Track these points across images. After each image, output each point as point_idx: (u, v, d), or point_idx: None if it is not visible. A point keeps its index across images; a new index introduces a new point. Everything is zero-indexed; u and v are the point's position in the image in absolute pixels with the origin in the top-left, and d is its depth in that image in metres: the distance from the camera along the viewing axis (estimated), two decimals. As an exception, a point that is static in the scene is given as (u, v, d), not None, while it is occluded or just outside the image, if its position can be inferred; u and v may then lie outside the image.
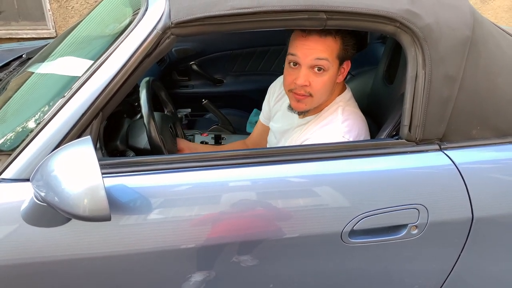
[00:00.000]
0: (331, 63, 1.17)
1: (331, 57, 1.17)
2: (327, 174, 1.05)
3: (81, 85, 0.96)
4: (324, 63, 1.16)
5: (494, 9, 4.54)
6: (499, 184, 1.13)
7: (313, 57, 1.16)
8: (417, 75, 1.04)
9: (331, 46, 1.16)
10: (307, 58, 1.16)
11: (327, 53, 1.16)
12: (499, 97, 1.12)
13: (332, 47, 1.16)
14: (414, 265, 1.16)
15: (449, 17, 1.05)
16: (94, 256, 0.96)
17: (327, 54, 1.16)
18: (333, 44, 1.16)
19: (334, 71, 1.20)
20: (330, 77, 1.20)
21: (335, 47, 1.17)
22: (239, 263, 1.04)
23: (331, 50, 1.16)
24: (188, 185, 1.00)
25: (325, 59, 1.16)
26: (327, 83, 1.20)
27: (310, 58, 1.16)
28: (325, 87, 1.21)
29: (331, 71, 1.19)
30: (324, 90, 1.22)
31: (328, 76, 1.19)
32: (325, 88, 1.21)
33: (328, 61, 1.17)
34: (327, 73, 1.18)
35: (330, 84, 1.22)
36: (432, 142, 1.09)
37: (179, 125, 1.62)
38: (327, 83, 1.20)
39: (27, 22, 4.09)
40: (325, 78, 1.19)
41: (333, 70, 1.19)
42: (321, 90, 1.21)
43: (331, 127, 1.22)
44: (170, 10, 0.97)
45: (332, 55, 1.17)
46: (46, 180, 0.83)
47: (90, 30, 1.41)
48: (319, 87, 1.20)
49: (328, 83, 1.20)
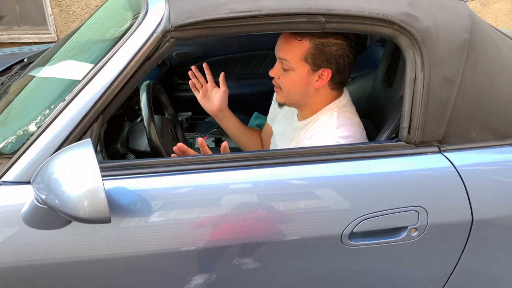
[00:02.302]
0: (294, 64, 1.18)
1: (293, 59, 1.17)
2: (327, 177, 1.05)
3: (82, 88, 0.96)
4: (285, 63, 1.19)
5: (494, 12, 4.55)
6: (498, 186, 1.13)
7: (278, 54, 1.21)
8: (416, 78, 1.05)
9: (295, 47, 1.16)
10: (276, 53, 1.21)
11: (289, 55, 1.18)
12: (498, 99, 1.12)
13: (296, 50, 1.16)
14: (415, 267, 1.16)
15: (447, 20, 1.05)
16: (94, 259, 0.96)
17: (289, 56, 1.18)
18: (298, 46, 1.16)
19: (303, 74, 1.19)
20: (298, 78, 1.20)
21: (299, 50, 1.16)
22: (240, 266, 1.05)
23: (294, 52, 1.17)
24: (188, 188, 1.00)
25: (285, 59, 1.18)
26: (295, 83, 1.21)
27: (277, 54, 1.21)
28: (293, 87, 1.22)
29: (299, 73, 1.19)
30: (293, 89, 1.23)
31: (293, 76, 1.20)
32: (293, 87, 1.23)
33: (289, 63, 1.18)
34: (293, 73, 1.20)
35: (300, 85, 1.21)
36: (431, 144, 1.10)
37: (180, 128, 1.63)
38: (295, 83, 1.21)
39: (28, 26, 4.11)
40: (290, 77, 1.21)
41: (300, 73, 1.19)
42: (288, 87, 1.23)
43: (325, 133, 1.21)
44: (170, 13, 0.98)
45: (294, 57, 1.17)
46: (47, 182, 0.84)
47: (91, 34, 1.41)
48: (284, 83, 1.23)
49: (297, 83, 1.21)
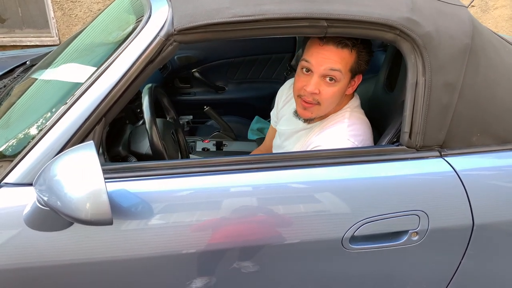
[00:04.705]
0: (343, 75, 1.18)
1: (344, 69, 1.17)
2: (328, 180, 1.05)
3: (85, 91, 0.97)
4: (337, 74, 1.17)
5: (494, 18, 4.57)
6: (499, 191, 1.13)
7: (327, 66, 1.16)
8: (417, 83, 1.05)
9: (346, 58, 1.16)
10: (321, 67, 1.17)
11: (341, 65, 1.16)
12: (499, 105, 1.13)
13: (347, 60, 1.17)
14: (415, 272, 1.16)
15: (448, 26, 1.06)
16: (96, 261, 0.96)
17: (341, 66, 1.16)
18: (348, 57, 1.16)
19: (345, 83, 1.21)
20: (340, 88, 1.20)
21: (349, 60, 1.17)
22: (240, 269, 1.04)
23: (346, 62, 1.17)
24: (189, 191, 1.00)
25: (338, 70, 1.16)
26: (336, 94, 1.20)
27: (324, 67, 1.16)
28: (334, 97, 1.21)
29: (342, 83, 1.19)
30: (332, 100, 1.22)
31: (338, 87, 1.19)
32: (333, 98, 1.21)
33: (341, 73, 1.17)
34: (338, 84, 1.19)
35: (339, 95, 1.22)
36: (432, 148, 1.10)
37: (181, 132, 1.63)
38: (337, 93, 1.20)
39: (31, 29, 4.13)
40: (335, 89, 1.19)
41: (344, 82, 1.20)
42: (330, 100, 1.21)
43: (336, 129, 1.23)
44: (173, 17, 0.98)
45: (345, 67, 1.17)
46: (49, 184, 0.84)
47: (94, 37, 1.42)
48: (328, 97, 1.20)
49: (338, 93, 1.21)
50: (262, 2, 0.99)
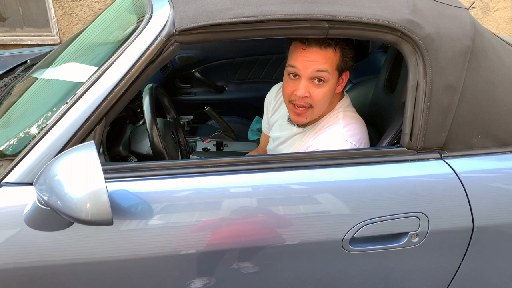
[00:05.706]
0: (331, 74, 1.18)
1: (331, 68, 1.18)
2: (328, 182, 1.06)
3: (86, 91, 0.97)
4: (324, 74, 1.17)
5: (495, 20, 4.57)
6: (500, 193, 1.13)
7: (314, 68, 1.16)
8: (418, 84, 1.05)
9: (331, 57, 1.17)
10: (307, 69, 1.17)
11: (327, 65, 1.17)
12: (500, 107, 1.13)
13: (332, 59, 1.17)
14: (415, 273, 1.16)
15: (450, 28, 1.06)
16: (96, 261, 0.96)
17: (327, 66, 1.17)
18: (333, 55, 1.17)
19: (334, 82, 1.21)
20: (330, 88, 1.21)
21: (335, 59, 1.18)
22: (239, 270, 1.05)
23: (331, 61, 1.17)
24: (189, 191, 1.01)
25: (325, 70, 1.17)
26: (327, 94, 1.21)
27: (310, 69, 1.17)
28: (325, 98, 1.22)
29: (331, 82, 1.20)
30: (324, 101, 1.23)
31: (328, 87, 1.20)
32: (325, 99, 1.22)
33: (328, 73, 1.17)
34: (327, 84, 1.19)
35: (330, 94, 1.23)
36: (433, 150, 1.10)
37: (181, 132, 1.63)
38: (327, 93, 1.21)
39: (31, 28, 4.13)
40: (325, 89, 1.20)
41: (332, 81, 1.20)
42: (321, 101, 1.22)
43: (333, 131, 1.23)
44: (174, 17, 0.98)
45: (332, 67, 1.18)
46: (49, 184, 0.84)
47: (95, 37, 1.42)
48: (319, 98, 1.20)
49: (328, 93, 1.21)
50: (263, 3, 0.99)
